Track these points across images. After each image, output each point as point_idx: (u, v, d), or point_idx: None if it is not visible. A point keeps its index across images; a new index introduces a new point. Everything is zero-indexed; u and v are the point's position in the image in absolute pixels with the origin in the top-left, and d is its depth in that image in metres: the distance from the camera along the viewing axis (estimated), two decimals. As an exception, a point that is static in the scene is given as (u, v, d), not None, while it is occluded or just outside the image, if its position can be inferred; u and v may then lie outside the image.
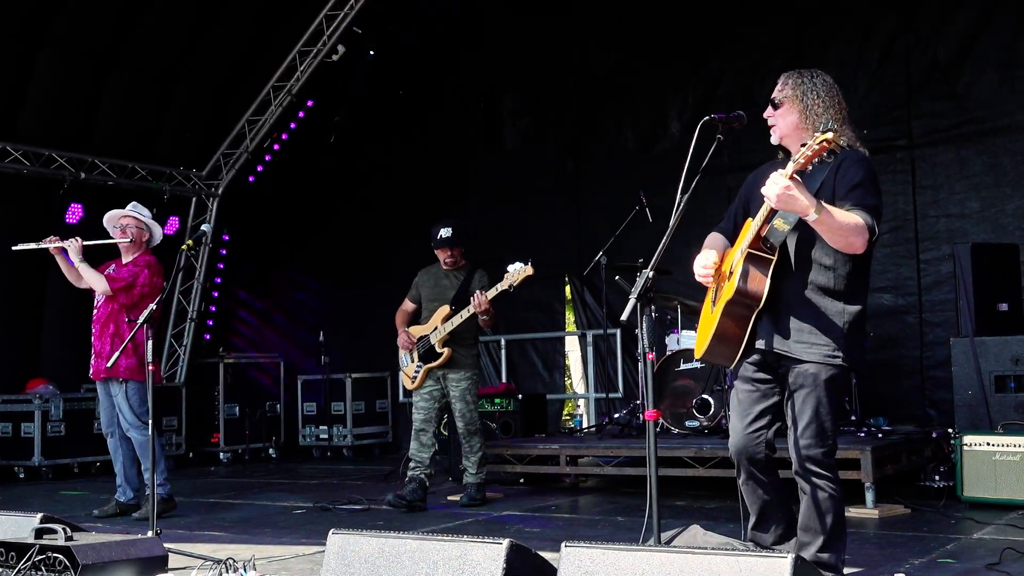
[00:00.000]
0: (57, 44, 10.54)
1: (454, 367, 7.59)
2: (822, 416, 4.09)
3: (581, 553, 3.56)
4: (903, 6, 9.59)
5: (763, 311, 4.10)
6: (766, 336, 4.14)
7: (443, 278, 7.83)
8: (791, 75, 4.30)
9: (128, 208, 7.75)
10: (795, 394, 4.12)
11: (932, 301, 9.26)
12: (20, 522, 4.80)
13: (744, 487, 4.34)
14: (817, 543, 4.12)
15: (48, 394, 10.46)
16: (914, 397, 9.21)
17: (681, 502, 7.24)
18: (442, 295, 7.74)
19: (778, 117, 4.25)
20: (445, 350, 7.53)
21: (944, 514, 6.42)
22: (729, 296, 4.07)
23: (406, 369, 7.77)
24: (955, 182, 9.27)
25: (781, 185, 3.77)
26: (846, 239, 3.93)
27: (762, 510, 4.33)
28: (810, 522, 4.13)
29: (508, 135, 12.21)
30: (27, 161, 10.75)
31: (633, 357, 10.60)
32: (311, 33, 12.04)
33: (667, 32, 10.80)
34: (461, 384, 7.60)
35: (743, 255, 4.06)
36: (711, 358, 4.31)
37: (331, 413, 11.97)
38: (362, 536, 4.02)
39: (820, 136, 3.70)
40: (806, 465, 4.09)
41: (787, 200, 3.80)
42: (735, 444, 4.29)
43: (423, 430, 7.59)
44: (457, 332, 7.55)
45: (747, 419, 4.26)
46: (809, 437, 4.08)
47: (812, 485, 4.10)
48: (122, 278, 7.48)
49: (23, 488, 9.71)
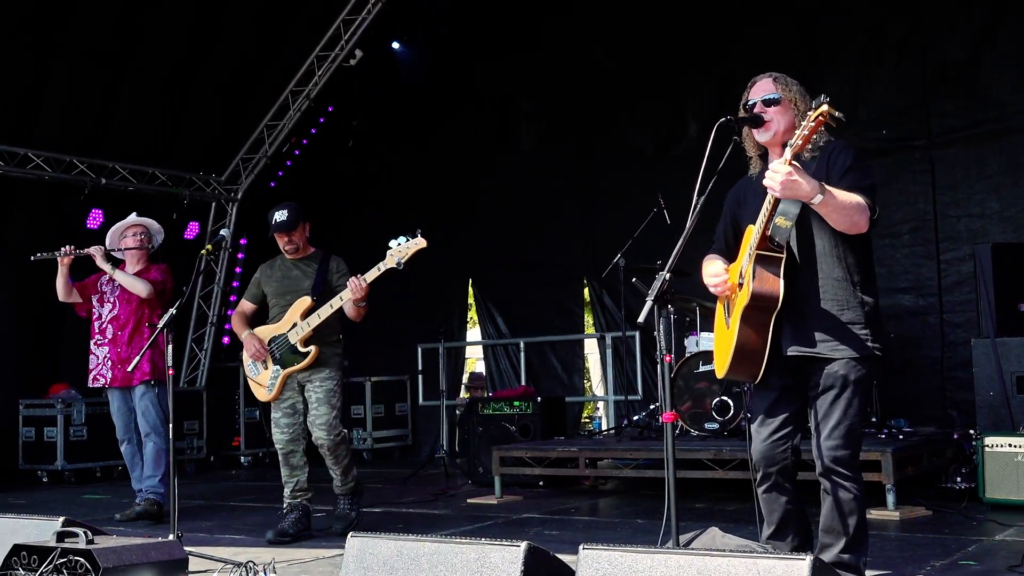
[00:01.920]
0: (72, 50, 10.59)
1: (318, 366, 6.57)
2: (851, 417, 4.05)
3: (599, 555, 3.56)
4: (917, 5, 9.56)
5: (781, 314, 4.05)
6: (789, 340, 4.09)
7: (292, 269, 6.76)
8: (776, 76, 4.30)
9: (130, 217, 7.85)
10: (823, 395, 4.07)
11: (953, 301, 9.22)
12: (42, 526, 4.84)
13: (765, 495, 4.27)
14: (840, 544, 4.09)
15: (71, 399, 10.53)
16: (935, 398, 9.16)
17: (701, 504, 7.23)
18: (295, 287, 6.66)
19: (776, 115, 4.21)
20: (311, 348, 6.51)
21: (966, 516, 6.39)
22: (745, 302, 4.01)
23: (258, 378, 6.66)
24: (974, 182, 9.22)
25: (783, 172, 3.76)
26: (850, 219, 3.93)
27: (783, 519, 4.27)
28: (833, 523, 4.10)
29: (524, 137, 12.22)
30: (48, 167, 10.82)
31: (652, 359, 10.61)
32: (329, 38, 12.09)
33: (683, 33, 10.78)
34: (326, 384, 6.57)
35: (752, 258, 4.02)
36: (735, 375, 4.21)
37: (351, 416, 11.99)
38: (380, 539, 4.04)
39: (815, 111, 3.67)
40: (833, 467, 4.05)
41: (791, 186, 3.78)
42: (759, 451, 4.22)
43: (292, 452, 6.62)
44: (320, 328, 6.53)
45: (772, 425, 4.20)
46: (837, 438, 4.04)
47: (837, 487, 4.06)
48: (158, 280, 7.55)
49: (46, 492, 9.77)
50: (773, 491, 4.25)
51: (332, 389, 6.59)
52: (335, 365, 6.64)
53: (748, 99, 4.30)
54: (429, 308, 12.28)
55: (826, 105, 3.65)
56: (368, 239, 12.91)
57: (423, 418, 12.32)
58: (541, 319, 11.81)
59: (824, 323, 4.07)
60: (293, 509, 6.58)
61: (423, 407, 12.20)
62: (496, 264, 12.14)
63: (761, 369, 4.11)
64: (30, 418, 10.55)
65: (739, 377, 4.25)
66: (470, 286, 12.55)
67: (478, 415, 9.15)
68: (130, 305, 7.59)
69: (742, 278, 4.11)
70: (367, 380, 11.97)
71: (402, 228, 12.32)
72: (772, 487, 4.24)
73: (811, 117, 3.69)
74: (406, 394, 12.41)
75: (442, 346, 10.71)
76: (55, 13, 10.30)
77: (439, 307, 12.35)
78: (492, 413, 9.12)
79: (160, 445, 7.47)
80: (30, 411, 10.58)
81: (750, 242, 4.06)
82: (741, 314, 4.05)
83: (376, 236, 5.83)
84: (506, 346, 12.08)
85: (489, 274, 12.30)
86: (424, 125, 12.59)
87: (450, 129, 12.44)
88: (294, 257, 6.73)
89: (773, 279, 4.00)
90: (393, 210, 12.47)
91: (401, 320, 12.39)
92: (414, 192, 12.53)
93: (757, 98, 4.26)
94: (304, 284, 6.63)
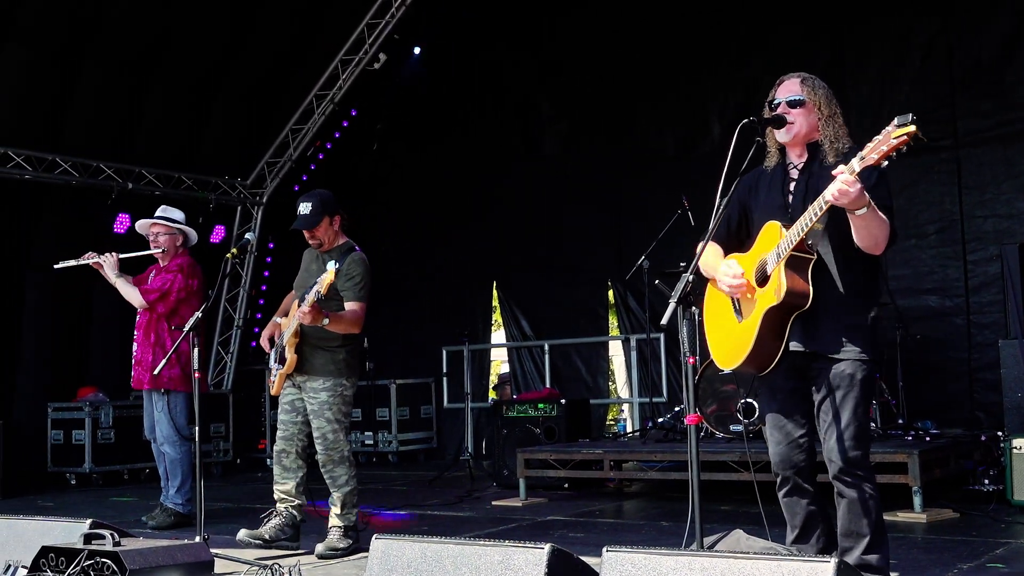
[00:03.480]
0: (99, 57, 10.69)
1: (311, 374, 6.04)
2: (860, 417, 4.06)
3: (623, 558, 3.56)
4: (943, 6, 9.51)
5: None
6: (800, 337, 4.08)
7: (313, 262, 6.27)
8: (804, 77, 4.29)
9: (158, 212, 7.77)
10: (832, 395, 4.07)
11: (980, 303, 9.16)
12: (70, 528, 4.88)
13: (787, 500, 4.28)
14: (861, 545, 4.07)
15: (98, 402, 10.60)
16: (962, 400, 9.11)
17: (726, 507, 7.20)
18: (307, 283, 6.05)
19: (798, 116, 4.20)
20: (292, 355, 6.03)
21: (993, 518, 6.35)
22: (774, 302, 4.00)
23: (273, 367, 6.28)
24: (1002, 182, 9.16)
25: (849, 183, 3.72)
26: (875, 238, 3.93)
27: (806, 521, 4.27)
28: (852, 526, 4.08)
29: (547, 140, 12.21)
30: (75, 172, 10.90)
31: (677, 361, 10.57)
32: (353, 42, 12.13)
33: (707, 34, 10.77)
34: (319, 396, 6.02)
35: (782, 259, 4.00)
36: (746, 368, 4.22)
37: (376, 419, 12.02)
38: (405, 541, 4.05)
39: (900, 129, 3.56)
40: (849, 468, 4.03)
41: (852, 197, 3.75)
42: (778, 455, 4.23)
43: (284, 451, 6.12)
44: (313, 331, 5.96)
45: (786, 428, 4.22)
46: (851, 438, 4.03)
47: (854, 488, 4.05)
48: (155, 289, 7.48)
49: (74, 494, 9.84)
50: (793, 494, 4.25)
51: (326, 402, 6.02)
52: (331, 373, 6.04)
53: (774, 97, 4.30)
54: (454, 311, 12.30)
55: (914, 127, 3.55)
56: (391, 242, 13.04)
57: (448, 420, 12.34)
58: (566, 321, 11.80)
59: (833, 323, 4.07)
60: (277, 514, 6.10)
61: (448, 409, 12.22)
62: (520, 266, 12.15)
63: (771, 365, 4.13)
64: (58, 421, 10.63)
65: (748, 371, 4.26)
66: (494, 289, 12.56)
67: (503, 417, 9.16)
68: (153, 308, 7.58)
69: (759, 274, 4.11)
70: (392, 383, 11.99)
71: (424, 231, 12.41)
72: (792, 490, 4.25)
73: (894, 134, 3.58)
74: (431, 396, 12.42)
75: (467, 348, 10.73)
76: (84, 21, 10.39)
77: (464, 310, 12.36)
78: (517, 415, 9.12)
79: (173, 455, 7.45)
80: (58, 414, 10.66)
81: (779, 241, 4.03)
82: (765, 312, 4.04)
83: (399, 240, 5.80)
84: (531, 348, 12.08)
85: (513, 276, 12.31)
86: (447, 129, 12.61)
87: (474, 133, 12.45)
88: (323, 251, 6.23)
89: (803, 281, 4.00)
90: (417, 214, 12.53)
91: (426, 323, 12.42)
92: (438, 196, 12.55)
93: (782, 98, 4.25)
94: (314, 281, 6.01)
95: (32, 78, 10.33)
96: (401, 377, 12.11)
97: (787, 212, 4.16)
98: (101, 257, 7.49)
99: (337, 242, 6.25)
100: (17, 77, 10.25)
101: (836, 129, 4.17)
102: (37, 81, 10.39)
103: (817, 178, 4.06)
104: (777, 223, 4.09)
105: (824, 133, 4.18)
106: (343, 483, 6.04)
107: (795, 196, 4.20)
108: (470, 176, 12.36)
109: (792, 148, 4.28)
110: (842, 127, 4.18)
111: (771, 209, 4.21)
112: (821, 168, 4.02)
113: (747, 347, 4.12)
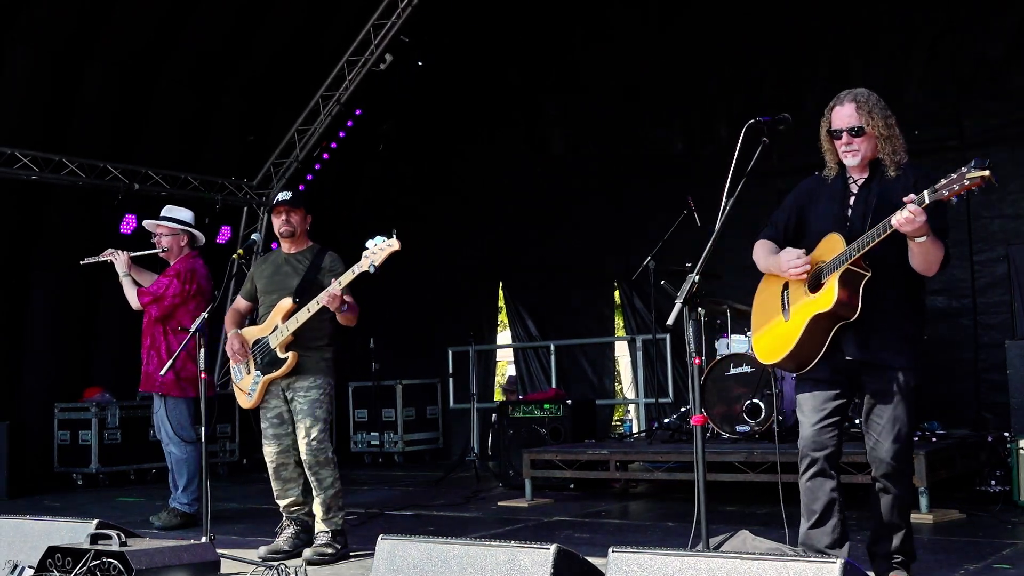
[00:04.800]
0: (105, 57, 10.68)
1: (300, 374, 5.99)
2: (911, 421, 4.32)
3: (628, 558, 3.56)
4: (948, 5, 9.49)
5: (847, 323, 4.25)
6: (853, 347, 4.29)
7: (283, 264, 6.17)
8: (858, 101, 4.37)
9: (162, 213, 7.79)
10: (885, 399, 4.29)
11: (987, 303, 9.15)
12: (76, 528, 4.90)
13: (810, 483, 4.42)
14: (900, 535, 4.41)
15: (105, 402, 10.61)
16: (969, 400, 9.09)
17: (732, 507, 7.20)
18: (283, 285, 6.07)
19: (862, 144, 4.36)
20: (288, 355, 5.94)
21: (1000, 519, 6.35)
22: (823, 309, 4.19)
23: (240, 383, 6.17)
24: (1009, 182, 9.13)
25: (916, 212, 3.91)
26: (930, 264, 4.15)
27: (826, 506, 4.40)
28: (894, 519, 4.39)
29: (553, 141, 12.21)
30: (82, 173, 10.92)
31: (683, 361, 10.56)
32: (359, 42, 12.12)
33: (713, 34, 10.75)
34: (310, 394, 5.97)
35: (838, 271, 4.17)
36: (783, 365, 4.45)
37: (382, 420, 12.02)
38: (411, 541, 4.05)
39: (977, 173, 3.79)
40: (899, 468, 4.32)
41: (917, 227, 3.95)
42: (808, 437, 4.40)
43: (283, 464, 6.07)
44: (303, 330, 5.94)
45: (821, 414, 4.39)
46: (901, 441, 4.29)
47: (900, 486, 4.36)
48: (150, 292, 7.51)
49: (81, 495, 9.85)
50: (819, 476, 4.40)
51: (317, 400, 5.97)
52: (321, 372, 6.02)
53: (832, 126, 4.42)
54: (459, 311, 12.30)
55: (988, 171, 3.78)
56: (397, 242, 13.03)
57: (454, 421, 12.34)
58: (571, 322, 11.80)
59: (887, 334, 4.28)
60: (290, 524, 6.11)
61: (454, 410, 12.22)
62: (526, 267, 12.15)
63: (809, 366, 4.34)
64: (65, 421, 10.64)
65: (785, 368, 4.50)
66: (500, 289, 12.56)
67: (509, 418, 9.16)
68: (146, 311, 7.61)
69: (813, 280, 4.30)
70: (398, 383, 11.99)
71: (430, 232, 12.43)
72: (818, 472, 4.39)
73: (968, 175, 3.82)
74: (437, 397, 12.42)
75: (472, 349, 10.73)
76: (90, 22, 10.40)
77: (470, 310, 12.36)
78: (523, 416, 9.12)
79: (179, 455, 7.47)
80: (65, 414, 10.67)
81: (838, 253, 4.19)
82: (812, 318, 4.23)
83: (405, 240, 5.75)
84: (536, 349, 12.08)
85: (519, 277, 12.31)
86: (454, 130, 12.60)
87: (480, 134, 12.45)
88: (289, 245, 6.19)
89: (854, 295, 4.18)
90: (422, 214, 12.51)
91: (431, 323, 12.42)
92: (442, 196, 12.56)
93: (843, 127, 4.38)
94: (291, 282, 6.06)
95: (38, 79, 10.33)
96: (407, 378, 12.11)
97: (845, 225, 4.35)
98: (117, 253, 7.58)
99: (305, 244, 6.24)
100: (23, 78, 10.26)
101: (894, 144, 4.36)
102: (43, 82, 10.39)
103: (876, 195, 4.31)
104: (839, 235, 4.27)
105: (883, 151, 4.36)
106: (328, 485, 5.96)
107: (854, 211, 4.38)
108: (476, 176, 12.36)
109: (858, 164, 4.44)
110: (899, 140, 4.38)
111: (829, 219, 4.40)
112: (881, 184, 4.32)
113: (789, 346, 4.32)
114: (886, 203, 4.21)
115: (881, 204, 4.25)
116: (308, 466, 5.95)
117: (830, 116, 4.44)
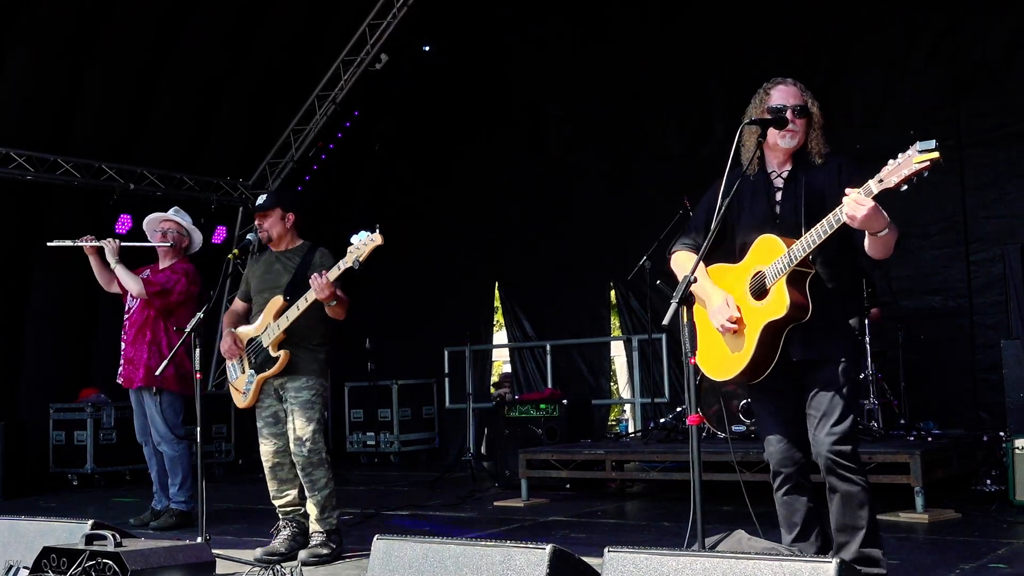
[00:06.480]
0: (103, 58, 10.69)
1: (293, 373, 5.95)
2: (851, 412, 4.14)
3: (624, 558, 3.56)
4: (947, 7, 9.50)
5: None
6: (798, 347, 4.13)
7: (274, 263, 6.14)
8: (799, 84, 4.31)
9: (170, 212, 7.75)
10: (822, 392, 4.13)
11: (982, 303, 9.16)
12: (72, 528, 4.87)
13: (787, 498, 4.31)
14: (858, 539, 4.14)
15: (100, 403, 10.61)
16: (965, 400, 9.10)
17: (727, 507, 7.19)
18: (274, 283, 6.05)
19: (802, 126, 4.23)
20: (281, 353, 5.90)
21: (996, 518, 6.34)
22: (777, 316, 4.04)
23: (235, 382, 6.15)
24: (1005, 182, 9.15)
25: (868, 206, 3.73)
26: (889, 250, 3.97)
27: (806, 518, 4.30)
28: (847, 520, 4.14)
29: (552, 141, 12.21)
30: (78, 173, 10.91)
31: (679, 361, 10.56)
32: (354, 42, 12.12)
33: (712, 34, 10.75)
34: (302, 394, 5.94)
35: (784, 275, 4.03)
36: (740, 379, 4.27)
37: (378, 420, 12.02)
38: (406, 541, 4.04)
39: (923, 155, 3.51)
40: (841, 461, 4.09)
41: (871, 219, 3.77)
42: (777, 452, 4.28)
43: (280, 464, 6.05)
44: (296, 329, 5.90)
45: (787, 426, 4.26)
46: (840, 433, 4.09)
47: (846, 481, 4.11)
48: (159, 283, 7.40)
49: (77, 495, 9.85)
50: (794, 492, 4.29)
51: (309, 400, 5.93)
52: (314, 373, 5.98)
53: (772, 102, 4.26)
54: (456, 311, 12.29)
55: (937, 153, 3.51)
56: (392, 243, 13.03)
57: (450, 421, 12.33)
58: (567, 322, 11.80)
59: (826, 328, 4.13)
60: (286, 525, 6.07)
61: (450, 410, 12.21)
62: (522, 267, 12.15)
63: (765, 374, 4.18)
64: (60, 422, 10.64)
65: (739, 381, 4.33)
66: (496, 289, 12.55)
67: (505, 418, 9.15)
68: (142, 305, 7.53)
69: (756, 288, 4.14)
70: (394, 383, 11.99)
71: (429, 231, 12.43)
72: (793, 488, 4.29)
73: (916, 159, 3.54)
74: (433, 397, 12.42)
75: (468, 349, 10.73)
76: (88, 22, 10.39)
77: (466, 310, 12.36)
78: (519, 416, 9.12)
79: (172, 453, 7.42)
80: (60, 415, 10.67)
81: (780, 256, 4.04)
82: (764, 326, 4.09)
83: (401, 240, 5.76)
84: (532, 349, 12.08)
85: (515, 277, 12.30)
86: (451, 130, 12.60)
87: (478, 134, 12.45)
88: (276, 248, 6.15)
89: (803, 295, 4.06)
90: (419, 214, 12.51)
91: (428, 323, 12.41)
92: (441, 196, 12.56)
93: (787, 104, 4.24)
94: (282, 280, 6.01)
95: (36, 79, 10.33)
96: (403, 377, 12.11)
97: (775, 221, 4.20)
98: (102, 241, 7.44)
99: (294, 242, 6.19)
100: (21, 78, 10.26)
101: (820, 135, 4.24)
102: (41, 82, 10.39)
103: (804, 186, 4.15)
104: (775, 237, 4.10)
105: (813, 140, 4.24)
106: (322, 485, 5.94)
107: (783, 205, 4.23)
108: (473, 176, 12.35)
109: (774, 155, 4.31)
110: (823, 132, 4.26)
111: (758, 217, 4.23)
112: (808, 174, 4.16)
113: (745, 359, 4.16)
114: (815, 193, 4.10)
115: (811, 195, 4.11)
116: (301, 467, 5.92)
117: (767, 96, 4.27)
